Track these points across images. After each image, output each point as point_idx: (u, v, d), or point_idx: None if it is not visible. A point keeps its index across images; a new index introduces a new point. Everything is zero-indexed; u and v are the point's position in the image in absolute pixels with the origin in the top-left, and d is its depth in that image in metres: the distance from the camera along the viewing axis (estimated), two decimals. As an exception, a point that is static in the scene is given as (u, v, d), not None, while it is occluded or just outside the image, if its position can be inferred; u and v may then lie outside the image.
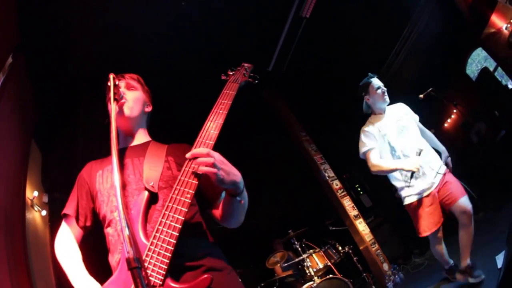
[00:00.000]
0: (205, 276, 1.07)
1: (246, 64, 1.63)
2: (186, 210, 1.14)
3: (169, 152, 1.47)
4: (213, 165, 1.12)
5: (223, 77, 1.57)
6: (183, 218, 1.12)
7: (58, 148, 4.16)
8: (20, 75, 3.35)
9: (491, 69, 9.18)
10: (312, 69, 5.77)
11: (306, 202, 5.41)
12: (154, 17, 3.81)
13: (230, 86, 1.48)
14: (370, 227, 4.92)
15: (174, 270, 1.11)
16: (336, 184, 4.88)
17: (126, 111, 1.48)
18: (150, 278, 1.06)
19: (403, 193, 2.72)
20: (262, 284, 4.99)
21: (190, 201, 1.15)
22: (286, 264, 4.91)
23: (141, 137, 1.57)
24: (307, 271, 4.55)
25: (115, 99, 1.33)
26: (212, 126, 1.28)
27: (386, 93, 2.79)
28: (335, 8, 4.96)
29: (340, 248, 4.87)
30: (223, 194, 1.38)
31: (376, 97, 2.77)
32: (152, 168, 1.36)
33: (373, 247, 4.76)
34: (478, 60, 9.15)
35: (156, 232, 1.12)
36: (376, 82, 2.83)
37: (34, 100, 3.75)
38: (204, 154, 1.15)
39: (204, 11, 4.10)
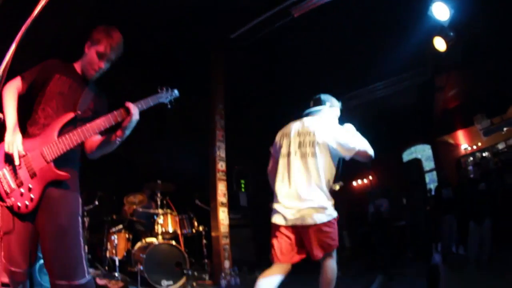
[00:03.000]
0: (64, 173, 1.73)
1: (176, 91, 2.04)
2: (88, 136, 1.81)
3: (95, 99, 1.99)
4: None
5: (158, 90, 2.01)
6: (84, 138, 1.79)
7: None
8: None
9: (428, 168, 9.79)
10: (268, 62, 5.89)
11: (190, 165, 5.43)
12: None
13: (153, 97, 1.95)
14: (231, 222, 5.04)
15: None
16: (221, 166, 4.91)
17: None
18: (46, 155, 1.72)
19: None
20: (114, 216, 4.96)
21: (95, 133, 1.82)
22: (141, 210, 4.93)
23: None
24: (155, 227, 4.58)
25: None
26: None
27: None
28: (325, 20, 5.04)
29: (195, 223, 4.95)
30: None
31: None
32: (83, 100, 1.93)
33: (224, 240, 4.87)
34: (422, 155, 9.70)
35: (66, 134, 1.76)
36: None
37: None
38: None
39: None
